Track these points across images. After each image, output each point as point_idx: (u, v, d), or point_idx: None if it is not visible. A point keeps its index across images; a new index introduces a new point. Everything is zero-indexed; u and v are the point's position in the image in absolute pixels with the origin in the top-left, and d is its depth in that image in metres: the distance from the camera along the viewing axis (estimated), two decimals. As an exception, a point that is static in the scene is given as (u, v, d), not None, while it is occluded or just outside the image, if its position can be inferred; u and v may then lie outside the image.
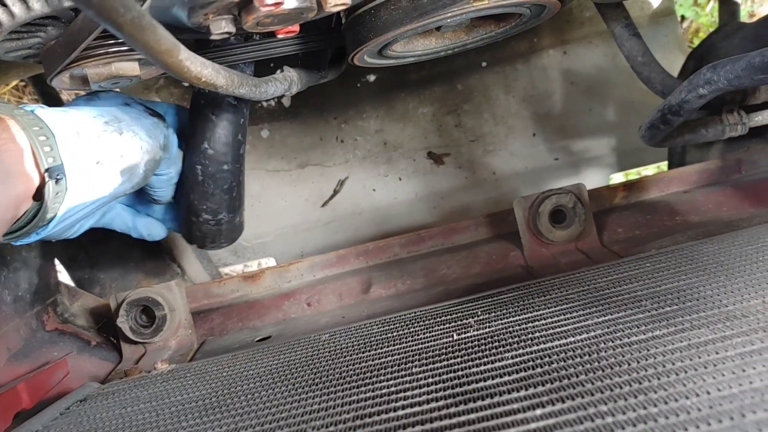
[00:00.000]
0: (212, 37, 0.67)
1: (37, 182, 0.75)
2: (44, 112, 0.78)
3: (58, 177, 0.76)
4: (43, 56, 0.79)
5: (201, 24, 0.66)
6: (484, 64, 1.58)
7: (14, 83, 2.05)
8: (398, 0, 0.77)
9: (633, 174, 1.96)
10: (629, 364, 0.55)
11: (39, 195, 0.76)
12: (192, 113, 0.99)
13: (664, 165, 1.55)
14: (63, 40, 0.74)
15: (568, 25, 1.57)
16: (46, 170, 0.74)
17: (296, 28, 0.72)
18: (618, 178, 1.84)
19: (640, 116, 1.51)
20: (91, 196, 0.83)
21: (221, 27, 0.65)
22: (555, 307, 0.76)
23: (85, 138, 0.81)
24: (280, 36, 0.73)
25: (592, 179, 1.57)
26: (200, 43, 0.89)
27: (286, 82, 0.94)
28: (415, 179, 1.60)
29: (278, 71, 0.95)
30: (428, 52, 0.96)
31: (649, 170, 2.06)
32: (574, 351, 0.61)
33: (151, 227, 1.09)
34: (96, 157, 0.81)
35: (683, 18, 2.28)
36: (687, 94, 0.94)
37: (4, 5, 0.68)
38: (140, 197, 1.09)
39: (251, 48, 0.93)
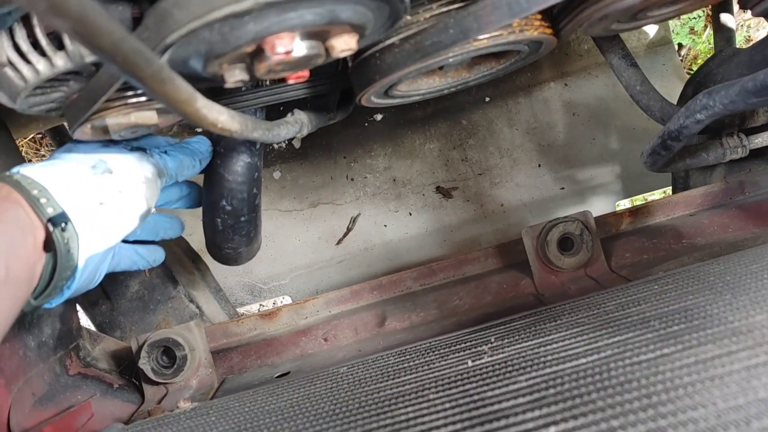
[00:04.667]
0: (226, 85, 0.71)
1: (43, 235, 0.77)
2: (28, 169, 0.81)
3: (63, 224, 0.78)
4: (66, 109, 0.83)
5: (216, 73, 0.70)
6: (487, 99, 1.62)
7: (31, 135, 2.12)
8: (401, 43, 0.80)
9: (639, 200, 1.98)
10: (639, 382, 0.57)
11: (49, 246, 0.78)
12: (208, 174, 1.05)
13: (669, 190, 1.58)
14: (84, 93, 0.78)
15: (568, 58, 1.61)
16: (48, 220, 0.77)
17: (306, 73, 0.76)
18: (624, 204, 1.86)
19: (642, 143, 1.55)
20: (104, 238, 0.85)
21: (235, 75, 0.69)
22: (566, 331, 0.78)
23: (78, 183, 0.83)
24: (290, 81, 0.77)
25: (598, 207, 1.60)
26: (215, 91, 0.93)
27: (297, 125, 0.98)
28: (424, 214, 1.63)
29: (289, 114, 0.99)
30: (432, 90, 0.99)
31: (654, 196, 2.08)
32: (585, 372, 0.63)
33: (154, 253, 1.11)
34: (97, 198, 0.84)
35: (681, 46, 2.32)
36: (685, 120, 0.97)
37: (29, 63, 0.72)
38: None
39: (262, 93, 0.97)
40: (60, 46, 0.72)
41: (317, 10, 0.62)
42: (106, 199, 0.85)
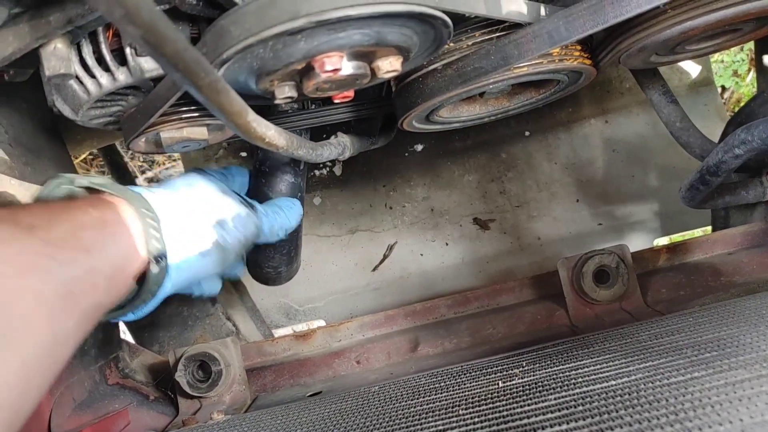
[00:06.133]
0: (276, 101, 0.74)
1: (141, 265, 0.77)
2: (152, 195, 0.82)
3: (163, 264, 0.79)
4: (123, 122, 0.87)
5: (267, 89, 0.74)
6: (527, 133, 1.64)
7: (83, 156, 2.20)
8: (444, 68, 0.83)
9: (678, 238, 1.96)
10: (668, 401, 0.57)
11: (141, 277, 0.79)
12: (253, 192, 1.09)
13: (709, 229, 1.57)
14: (142, 107, 0.82)
15: (609, 96, 1.63)
16: (155, 257, 0.78)
17: (351, 93, 0.79)
18: (663, 242, 1.85)
19: (682, 181, 1.55)
20: (186, 282, 0.87)
21: (285, 92, 0.73)
22: (598, 356, 0.79)
23: (188, 227, 0.85)
24: (335, 101, 0.80)
25: (636, 243, 1.59)
26: (264, 111, 0.97)
27: (340, 147, 1.01)
28: (461, 244, 1.64)
29: (333, 137, 1.02)
30: (473, 117, 1.02)
31: (694, 235, 2.06)
32: (615, 392, 0.63)
33: (213, 285, 1.10)
34: (201, 248, 0.86)
35: (724, 88, 2.32)
36: (724, 155, 0.98)
37: (93, 77, 0.77)
38: None
39: (308, 115, 1.00)
40: (122, 62, 0.77)
41: (365, 32, 0.66)
42: (209, 253, 0.87)
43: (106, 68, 0.77)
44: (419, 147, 1.64)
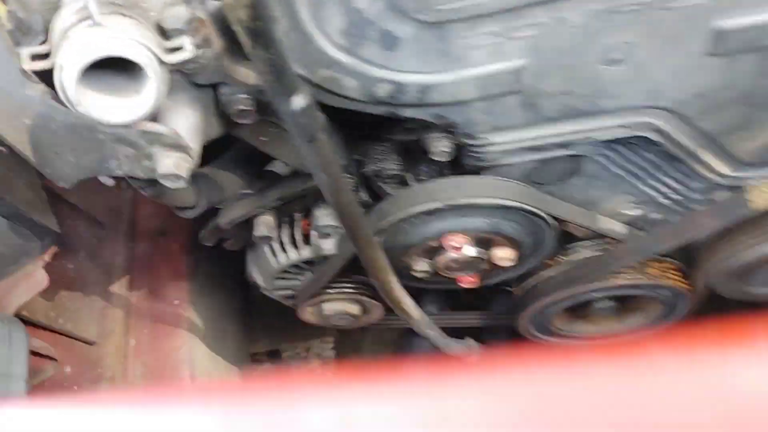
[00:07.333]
0: (413, 273, 0.96)
1: None
2: None
3: None
4: (298, 294, 1.11)
5: (407, 263, 0.96)
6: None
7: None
8: (554, 275, 1.01)
9: None
10: None
11: None
12: None
13: None
14: (311, 280, 1.07)
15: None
16: None
17: (476, 279, 0.98)
18: None
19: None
20: None
21: (420, 265, 0.95)
22: None
23: None
24: (462, 284, 0.99)
25: None
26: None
27: (467, 350, 1.18)
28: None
29: (462, 339, 1.20)
30: (585, 334, 1.16)
31: None
32: None
33: None
34: None
35: None
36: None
37: (284, 251, 1.04)
38: None
39: (440, 318, 1.19)
40: (306, 242, 1.03)
41: (486, 220, 0.88)
42: None
43: (295, 245, 1.03)
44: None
